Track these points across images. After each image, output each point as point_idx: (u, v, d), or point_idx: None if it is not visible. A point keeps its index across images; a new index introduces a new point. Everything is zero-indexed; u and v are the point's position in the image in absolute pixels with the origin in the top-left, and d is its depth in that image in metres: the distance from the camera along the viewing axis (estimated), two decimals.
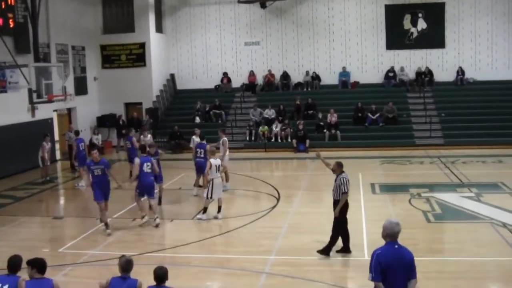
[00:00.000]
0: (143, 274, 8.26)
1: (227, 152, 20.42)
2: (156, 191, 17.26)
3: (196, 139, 21.16)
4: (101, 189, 15.40)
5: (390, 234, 7.36)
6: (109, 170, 15.61)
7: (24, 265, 7.88)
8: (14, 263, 7.82)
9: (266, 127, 31.00)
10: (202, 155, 18.99)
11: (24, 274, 7.85)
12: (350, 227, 13.17)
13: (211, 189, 16.40)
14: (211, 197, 16.53)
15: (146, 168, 15.99)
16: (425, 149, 28.24)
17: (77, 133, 24.01)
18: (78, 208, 19.39)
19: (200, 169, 18.96)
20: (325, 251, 12.82)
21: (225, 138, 20.91)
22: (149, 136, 20.79)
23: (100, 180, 15.41)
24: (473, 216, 16.10)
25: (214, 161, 16.57)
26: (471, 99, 32.11)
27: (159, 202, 18.04)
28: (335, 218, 12.88)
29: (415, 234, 14.36)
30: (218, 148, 19.74)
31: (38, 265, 7.67)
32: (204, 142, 20.85)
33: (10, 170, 24.75)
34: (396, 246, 7.34)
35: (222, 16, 35.79)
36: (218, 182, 16.62)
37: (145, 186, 15.99)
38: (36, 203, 20.07)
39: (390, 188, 20.30)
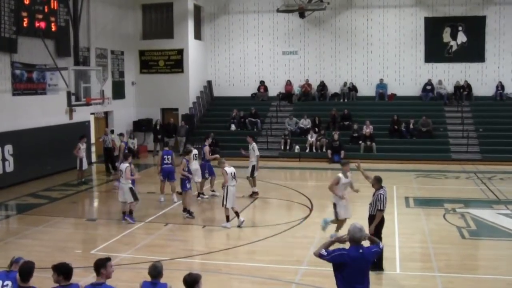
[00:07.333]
0: (172, 279, 8.26)
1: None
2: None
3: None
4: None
5: (352, 239, 7.49)
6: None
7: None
8: (25, 271, 7.61)
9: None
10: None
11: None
12: (383, 240, 12.98)
13: (225, 196, 16.35)
14: (226, 205, 16.40)
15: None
16: (462, 164, 27.83)
17: (121, 135, 24.15)
18: (111, 210, 19.49)
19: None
20: (379, 267, 12.50)
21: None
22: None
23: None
24: (509, 234, 15.75)
25: (229, 169, 16.57)
26: (511, 114, 31.56)
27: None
28: (370, 234, 12.71)
29: (448, 250, 14.22)
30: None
31: (65, 271, 7.43)
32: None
33: (47, 171, 25.12)
34: (361, 251, 7.47)
35: (260, 24, 35.89)
36: (233, 190, 16.55)
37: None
38: (70, 205, 20.24)
39: (424, 202, 20.00)
